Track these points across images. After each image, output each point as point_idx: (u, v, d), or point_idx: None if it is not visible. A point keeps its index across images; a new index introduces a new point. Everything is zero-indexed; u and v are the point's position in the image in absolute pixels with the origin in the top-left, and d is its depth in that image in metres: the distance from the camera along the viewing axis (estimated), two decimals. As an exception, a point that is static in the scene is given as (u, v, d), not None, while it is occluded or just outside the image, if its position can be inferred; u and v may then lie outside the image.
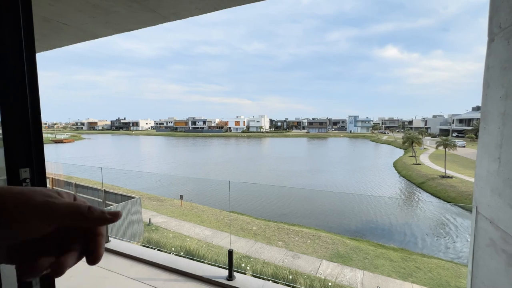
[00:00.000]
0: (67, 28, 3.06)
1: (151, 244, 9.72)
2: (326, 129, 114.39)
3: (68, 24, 2.97)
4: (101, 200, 13.30)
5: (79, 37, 3.36)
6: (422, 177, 25.95)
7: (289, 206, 18.83)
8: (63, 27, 3.03)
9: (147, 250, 3.47)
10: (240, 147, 67.58)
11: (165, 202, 18.01)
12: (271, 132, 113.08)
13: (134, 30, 3.11)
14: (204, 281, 2.83)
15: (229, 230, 13.08)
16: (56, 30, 3.08)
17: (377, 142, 75.71)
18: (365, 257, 10.71)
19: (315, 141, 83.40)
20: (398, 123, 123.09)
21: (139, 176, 27.25)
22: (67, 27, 3.03)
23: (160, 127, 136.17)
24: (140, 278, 2.92)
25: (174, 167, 37.60)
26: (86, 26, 2.99)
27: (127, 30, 3.14)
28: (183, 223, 14.04)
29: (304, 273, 9.21)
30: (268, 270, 8.17)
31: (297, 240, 12.29)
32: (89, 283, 2.88)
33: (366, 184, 25.60)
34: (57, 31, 3.11)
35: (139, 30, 3.09)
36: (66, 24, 2.96)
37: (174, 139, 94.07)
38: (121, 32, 3.17)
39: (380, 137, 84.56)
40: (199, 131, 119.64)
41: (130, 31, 3.17)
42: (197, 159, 45.76)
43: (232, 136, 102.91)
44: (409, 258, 10.70)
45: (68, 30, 3.12)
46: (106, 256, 3.45)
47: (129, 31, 3.16)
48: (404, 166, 32.97)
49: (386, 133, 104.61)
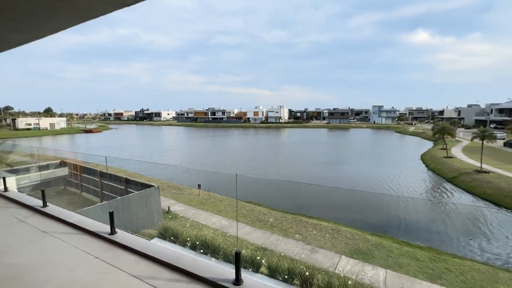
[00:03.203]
0: (63, 6, 2.81)
1: (168, 232, 9.85)
2: (347, 119, 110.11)
3: (64, 0, 2.72)
4: (123, 188, 13.76)
5: (77, 16, 3.11)
6: (454, 171, 23.99)
7: (307, 198, 18.35)
8: (59, 4, 2.79)
9: (152, 245, 3.27)
10: (258, 138, 67.26)
11: (184, 191, 18.34)
12: (290, 123, 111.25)
13: (133, 4, 2.79)
14: (208, 283, 2.56)
15: (245, 221, 12.98)
16: (52, 8, 2.85)
17: (403, 133, 71.56)
18: (388, 255, 10.07)
19: (336, 132, 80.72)
20: (427, 113, 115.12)
21: (163, 168, 28.04)
22: (64, 4, 2.79)
23: (181, 117, 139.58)
24: (142, 276, 2.71)
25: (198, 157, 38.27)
26: (81, 2, 2.72)
27: (126, 4, 2.83)
28: (200, 212, 14.18)
29: (322, 269, 8.84)
30: (284, 264, 7.90)
31: (315, 233, 11.88)
32: (90, 278, 2.73)
33: (390, 177, 24.22)
34: (53, 9, 2.89)
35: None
36: (62, 0, 2.71)
37: (195, 130, 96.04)
38: (119, 7, 2.87)
39: (406, 128, 79.74)
40: (218, 121, 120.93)
41: (131, 6, 2.85)
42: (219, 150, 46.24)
43: (251, 127, 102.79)
44: (438, 258, 9.89)
45: (65, 8, 2.87)
46: (112, 249, 3.32)
47: (128, 6, 2.85)
48: (433, 159, 30.74)
49: (414, 124, 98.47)
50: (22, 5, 2.88)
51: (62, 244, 3.50)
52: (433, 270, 9.09)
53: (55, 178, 16.24)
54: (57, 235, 3.77)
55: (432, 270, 9.09)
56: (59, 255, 3.24)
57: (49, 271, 2.90)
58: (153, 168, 27.42)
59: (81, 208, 9.91)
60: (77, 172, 15.85)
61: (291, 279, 7.48)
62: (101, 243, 3.47)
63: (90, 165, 17.10)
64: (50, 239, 3.67)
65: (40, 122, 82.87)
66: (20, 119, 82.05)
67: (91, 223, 4.03)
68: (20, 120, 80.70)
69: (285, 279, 7.51)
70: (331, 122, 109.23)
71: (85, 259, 3.09)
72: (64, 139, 66.35)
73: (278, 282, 7.48)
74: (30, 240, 3.65)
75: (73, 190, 16.38)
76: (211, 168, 29.72)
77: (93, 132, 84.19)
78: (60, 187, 16.74)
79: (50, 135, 74.01)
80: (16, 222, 4.27)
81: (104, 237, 3.56)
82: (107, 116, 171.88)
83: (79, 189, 16.00)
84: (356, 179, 24.27)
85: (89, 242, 3.52)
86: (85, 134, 78.61)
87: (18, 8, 2.93)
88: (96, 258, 3.10)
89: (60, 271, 2.86)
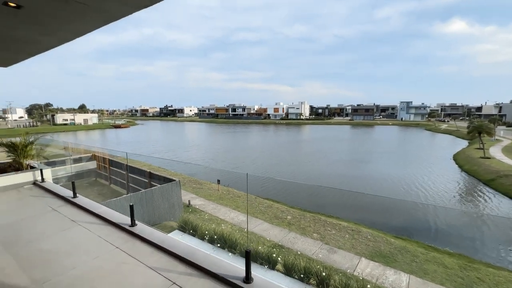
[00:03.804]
0: (86, 9, 2.97)
1: (188, 225, 10.19)
2: (372, 116, 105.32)
3: (87, 4, 2.87)
4: (147, 181, 14.45)
5: (99, 19, 3.28)
6: (492, 173, 22.01)
7: (326, 197, 17.94)
8: (84, 9, 2.95)
9: (168, 238, 3.40)
10: (278, 135, 66.86)
11: (204, 186, 18.81)
12: (311, 119, 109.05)
13: (150, 5, 2.88)
14: (219, 279, 2.60)
15: (262, 217, 13.03)
16: (77, 12, 3.03)
17: (434, 131, 66.97)
18: (412, 260, 9.56)
19: (360, 129, 77.70)
20: (463, 109, 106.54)
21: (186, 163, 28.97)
22: (87, 8, 2.95)
23: (202, 113, 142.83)
24: (157, 268, 2.83)
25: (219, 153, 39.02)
26: (102, 5, 2.86)
27: (144, 5, 2.92)
28: (219, 207, 14.47)
29: (339, 270, 8.63)
30: (300, 263, 7.82)
31: (334, 233, 11.61)
32: (110, 266, 2.90)
33: (418, 178, 22.86)
34: (78, 13, 3.06)
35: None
36: (85, 4, 2.86)
37: (215, 125, 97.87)
38: (138, 9, 2.97)
39: (438, 125, 74.52)
40: (239, 117, 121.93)
41: (148, 7, 2.94)
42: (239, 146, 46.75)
43: (271, 123, 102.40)
44: (469, 266, 9.19)
45: (88, 12, 3.04)
46: (131, 240, 3.50)
47: (145, 7, 2.94)
48: (468, 159, 28.44)
49: (446, 121, 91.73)
50: (51, 11, 3.09)
51: (88, 233, 3.76)
52: (463, 279, 8.47)
53: (87, 171, 17.50)
54: (84, 224, 4.06)
55: (461, 279, 8.48)
56: (85, 244, 3.49)
57: (76, 258, 3.13)
58: (175, 163, 28.46)
59: (110, 199, 10.59)
60: (106, 165, 16.92)
61: (307, 278, 7.40)
62: (122, 234, 3.68)
63: (118, 159, 18.12)
64: (78, 228, 3.96)
65: (75, 118, 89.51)
66: (58, 115, 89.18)
67: (114, 214, 4.29)
68: (58, 116, 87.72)
69: (301, 278, 7.44)
70: (355, 118, 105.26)
71: (107, 249, 3.29)
72: (96, 134, 71.09)
73: (294, 281, 7.44)
74: (61, 228, 3.96)
75: (103, 182, 17.54)
76: (232, 164, 30.12)
77: (121, 128, 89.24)
78: (91, 178, 18.02)
79: (83, 130, 79.71)
80: (50, 211, 4.66)
81: (125, 229, 3.76)
82: (134, 112, 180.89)
83: (108, 181, 17.09)
84: (380, 178, 23.23)
85: (112, 233, 3.74)
86: (115, 129, 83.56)
87: (48, 13, 3.15)
88: (116, 248, 3.29)
89: (85, 259, 3.08)
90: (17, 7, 3.03)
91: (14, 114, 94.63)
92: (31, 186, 6.25)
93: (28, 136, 7.18)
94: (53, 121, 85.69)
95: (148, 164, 24.37)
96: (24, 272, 2.88)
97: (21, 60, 5.94)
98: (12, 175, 6.26)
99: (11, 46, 4.56)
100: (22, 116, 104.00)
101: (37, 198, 5.43)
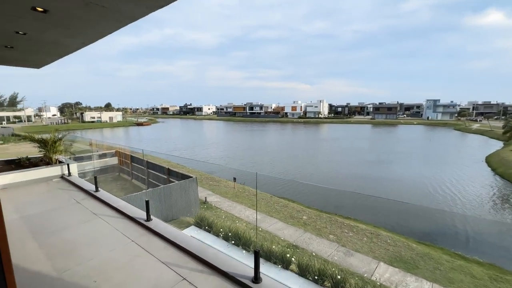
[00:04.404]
0: (106, 11, 3.09)
1: (203, 221, 10.38)
2: (396, 115, 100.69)
3: (105, 6, 2.98)
4: (166, 177, 14.92)
5: (119, 20, 3.39)
6: (530, 178, 20.18)
7: (344, 198, 17.44)
8: (103, 11, 3.07)
9: (181, 234, 3.46)
10: (296, 133, 66.08)
11: (221, 183, 19.07)
12: (330, 118, 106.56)
13: (165, 5, 2.93)
14: (228, 277, 2.60)
15: (278, 216, 12.96)
16: (97, 14, 3.16)
17: (464, 131, 62.65)
18: (436, 267, 9.03)
19: (382, 128, 74.66)
20: (498, 108, 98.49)
21: (205, 161, 29.55)
22: (106, 10, 3.06)
23: (220, 112, 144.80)
24: (169, 263, 2.89)
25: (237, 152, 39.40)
26: (119, 7, 2.96)
27: (160, 6, 2.98)
28: (234, 205, 14.60)
29: (356, 274, 8.36)
30: (315, 264, 7.68)
31: (351, 235, 11.27)
32: (125, 259, 3.01)
33: (444, 181, 21.52)
34: (99, 15, 3.19)
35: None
36: (103, 6, 2.98)
37: (233, 124, 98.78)
38: (153, 10, 3.04)
39: (469, 125, 69.55)
40: (256, 116, 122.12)
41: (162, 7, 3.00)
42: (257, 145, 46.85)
43: (288, 122, 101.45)
44: (500, 278, 8.50)
45: (108, 14, 3.16)
46: (146, 235, 3.61)
47: (161, 7, 3.00)
48: (503, 161, 26.30)
49: (479, 120, 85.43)
50: (74, 14, 3.25)
51: (106, 226, 3.94)
52: (493, 291, 7.86)
53: (111, 166, 18.43)
54: (104, 217, 4.26)
55: (491, 291, 7.87)
56: (103, 236, 3.66)
57: (94, 249, 3.29)
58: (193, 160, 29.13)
59: (131, 194, 11.07)
60: (128, 161, 17.70)
61: (322, 280, 7.24)
62: (137, 228, 3.81)
63: (139, 155, 18.87)
64: (98, 220, 4.16)
65: (102, 115, 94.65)
66: (87, 113, 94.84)
67: (132, 209, 4.45)
68: (86, 114, 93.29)
69: (315, 280, 7.30)
70: (376, 117, 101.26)
71: (123, 242, 3.42)
72: (120, 131, 74.66)
73: (308, 282, 7.32)
74: (83, 220, 4.19)
75: (125, 177, 18.38)
76: (250, 163, 30.21)
77: (143, 125, 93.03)
78: (115, 173, 18.96)
79: (109, 127, 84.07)
80: (74, 203, 4.95)
81: (140, 223, 3.89)
82: (155, 111, 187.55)
83: (130, 176, 17.88)
84: (404, 180, 22.18)
85: (128, 226, 3.89)
86: (137, 127, 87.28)
87: (71, 17, 3.32)
88: (132, 242, 3.41)
89: (102, 250, 3.23)
90: (44, 12, 3.23)
91: (48, 112, 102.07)
92: (59, 180, 6.68)
93: (57, 133, 7.68)
94: (82, 119, 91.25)
95: (167, 160, 25.18)
96: (48, 260, 3.07)
97: (51, 62, 6.34)
98: (43, 168, 6.73)
99: (41, 49, 4.88)
100: (55, 114, 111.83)
101: (63, 191, 5.79)
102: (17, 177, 6.18)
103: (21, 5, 3.01)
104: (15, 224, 4.03)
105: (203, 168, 24.71)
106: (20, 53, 5.27)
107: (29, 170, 6.46)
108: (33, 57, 5.67)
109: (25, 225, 4.00)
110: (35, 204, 5.01)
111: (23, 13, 3.21)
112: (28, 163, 7.23)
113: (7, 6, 3.02)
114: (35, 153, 7.99)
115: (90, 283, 2.62)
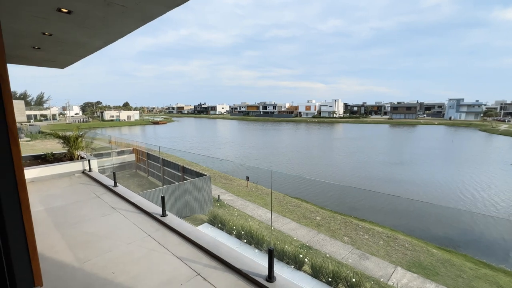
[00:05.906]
0: (125, 11, 3.17)
1: (217, 219, 10.48)
2: (415, 114, 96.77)
3: (126, 6, 3.06)
4: (180, 175, 15.22)
5: (139, 19, 3.47)
6: None
7: (360, 200, 17.00)
8: (123, 10, 3.16)
9: (195, 230, 3.49)
10: (310, 133, 65.22)
11: (234, 182, 19.19)
12: (345, 117, 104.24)
13: (182, 3, 2.96)
14: (242, 275, 2.59)
15: (291, 216, 12.85)
16: (118, 13, 3.25)
17: (490, 132, 59.11)
18: (458, 275, 8.58)
19: (400, 128, 72.04)
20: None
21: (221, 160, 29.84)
22: (126, 9, 3.14)
23: (234, 111, 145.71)
24: (183, 258, 2.92)
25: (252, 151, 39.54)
26: (138, 6, 3.02)
27: (177, 4, 3.01)
28: (247, 203, 14.64)
29: (371, 278, 8.11)
30: (328, 266, 7.53)
31: (366, 238, 10.96)
32: (141, 252, 3.08)
33: (467, 183, 20.40)
34: (119, 15, 3.29)
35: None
36: (124, 6, 3.06)
37: (247, 123, 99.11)
38: (171, 8, 3.08)
39: (496, 125, 65.55)
40: (269, 115, 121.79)
41: (179, 6, 3.03)
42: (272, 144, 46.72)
43: (302, 121, 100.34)
44: (530, 289, 7.94)
45: (127, 13, 3.24)
46: (161, 230, 3.68)
47: (178, 5, 3.03)
48: (533, 165, 24.54)
49: (507, 121, 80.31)
50: (96, 14, 3.36)
51: (124, 220, 4.06)
52: (522, 303, 7.35)
53: (129, 163, 19.06)
54: (122, 211, 4.39)
55: (520, 302, 7.37)
56: (120, 229, 3.77)
57: (112, 242, 3.39)
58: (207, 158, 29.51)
59: (147, 190, 11.39)
60: (144, 159, 18.22)
61: (336, 283, 7.09)
62: (153, 223, 3.89)
63: (155, 153, 19.37)
64: (116, 214, 4.30)
65: (120, 114, 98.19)
66: (106, 112, 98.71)
67: (148, 204, 4.56)
68: (106, 113, 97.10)
69: (329, 282, 7.16)
70: (394, 117, 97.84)
71: (139, 235, 3.51)
72: (137, 129, 77.12)
73: (321, 284, 7.19)
74: (102, 214, 4.34)
75: (142, 174, 18.95)
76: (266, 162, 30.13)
77: (159, 124, 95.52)
78: (132, 170, 19.60)
79: (127, 126, 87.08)
80: (94, 198, 5.14)
81: (156, 218, 3.98)
82: (171, 110, 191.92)
83: (146, 173, 18.41)
84: (427, 182, 21.28)
85: (145, 221, 3.98)
86: (153, 126, 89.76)
87: (93, 17, 3.43)
88: (148, 236, 3.48)
89: (120, 243, 3.33)
90: (69, 13, 3.36)
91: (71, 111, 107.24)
92: (81, 175, 6.98)
93: (79, 130, 8.04)
94: (102, 117, 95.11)
95: (182, 158, 25.68)
96: (71, 251, 3.20)
97: (74, 62, 6.63)
98: (66, 164, 7.07)
99: (65, 49, 5.11)
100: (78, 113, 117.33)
101: (84, 185, 6.04)
102: (43, 171, 6.52)
103: (47, 6, 3.15)
104: (40, 215, 4.25)
105: (220, 166, 24.97)
106: (46, 54, 5.54)
107: (54, 165, 6.80)
108: (58, 58, 5.94)
109: (49, 217, 4.20)
110: (58, 197, 5.26)
111: (49, 14, 3.37)
112: (53, 158, 7.62)
113: (34, 8, 3.17)
114: (59, 149, 8.41)
115: (108, 274, 2.71)
